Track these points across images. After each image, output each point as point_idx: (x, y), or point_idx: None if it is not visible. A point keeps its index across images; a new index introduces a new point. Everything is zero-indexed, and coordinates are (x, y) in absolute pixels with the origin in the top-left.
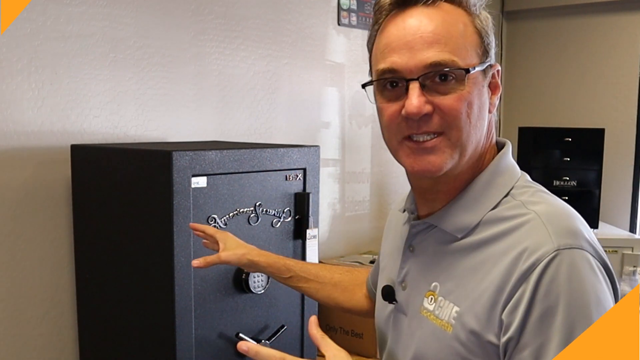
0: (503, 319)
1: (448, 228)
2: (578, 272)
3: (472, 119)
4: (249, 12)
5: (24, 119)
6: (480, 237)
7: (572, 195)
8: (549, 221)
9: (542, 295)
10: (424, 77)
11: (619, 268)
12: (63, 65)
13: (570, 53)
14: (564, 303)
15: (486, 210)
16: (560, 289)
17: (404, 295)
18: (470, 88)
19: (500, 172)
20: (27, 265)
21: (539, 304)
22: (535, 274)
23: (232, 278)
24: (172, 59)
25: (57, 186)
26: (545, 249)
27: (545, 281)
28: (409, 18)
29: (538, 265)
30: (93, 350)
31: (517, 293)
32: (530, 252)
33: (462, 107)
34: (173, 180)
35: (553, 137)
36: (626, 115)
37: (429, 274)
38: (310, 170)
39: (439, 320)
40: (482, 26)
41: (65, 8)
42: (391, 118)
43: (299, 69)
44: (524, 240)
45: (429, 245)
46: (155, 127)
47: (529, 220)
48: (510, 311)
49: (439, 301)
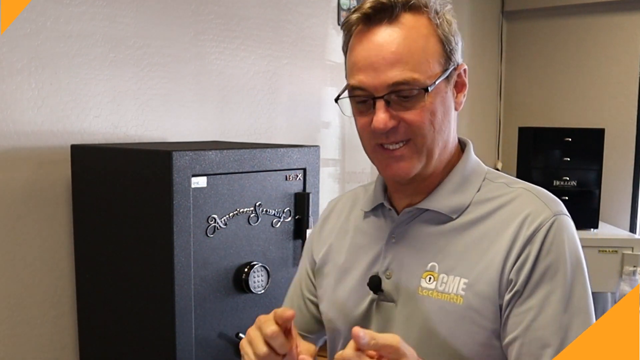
0: (511, 278)
1: (443, 210)
2: (570, 234)
3: (436, 126)
4: (249, 12)
5: (24, 119)
6: (475, 215)
7: (572, 195)
8: (539, 194)
9: (545, 253)
10: (387, 95)
11: (619, 268)
12: (63, 65)
13: (570, 53)
14: (563, 260)
15: (474, 192)
16: (560, 248)
17: (389, 283)
18: (433, 99)
19: (473, 163)
20: (27, 265)
21: (543, 261)
22: (539, 236)
23: (232, 278)
24: (172, 59)
25: (57, 186)
26: (545, 215)
27: (548, 242)
28: (373, 36)
29: (541, 229)
30: (93, 350)
31: (523, 254)
32: (532, 218)
33: (425, 119)
34: (173, 180)
35: (553, 137)
36: (626, 115)
37: (423, 257)
38: (310, 170)
39: (445, 294)
40: (445, 33)
41: (65, 8)
42: (363, 128)
43: (299, 69)
44: (523, 209)
45: (419, 230)
46: (155, 127)
47: (520, 194)
48: (517, 270)
49: (441, 278)
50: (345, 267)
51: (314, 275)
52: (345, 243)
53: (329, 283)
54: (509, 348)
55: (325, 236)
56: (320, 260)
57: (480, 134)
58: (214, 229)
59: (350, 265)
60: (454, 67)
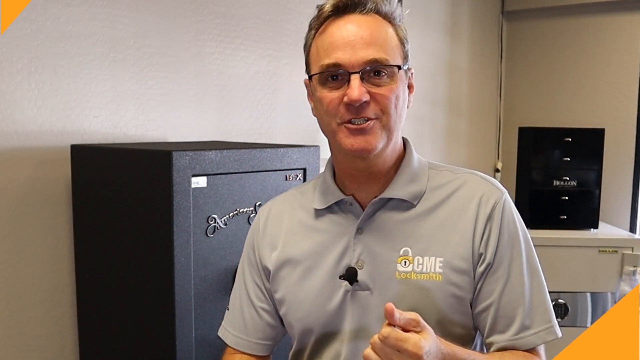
0: (481, 251)
1: (405, 196)
2: (514, 208)
3: (398, 109)
4: (249, 12)
5: (24, 119)
6: (434, 202)
7: (572, 195)
8: (484, 177)
9: (506, 226)
10: (362, 71)
11: (619, 268)
12: (63, 65)
13: (570, 53)
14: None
15: (425, 181)
16: (514, 220)
17: (362, 273)
18: (398, 83)
19: (416, 157)
20: (27, 265)
21: (505, 233)
22: (497, 212)
23: (232, 278)
24: (172, 59)
25: (57, 186)
26: (497, 195)
27: (505, 216)
28: (348, 23)
29: (497, 206)
30: (93, 350)
31: (486, 229)
32: (487, 197)
33: (392, 97)
34: (173, 180)
35: (553, 137)
36: (626, 115)
37: (394, 243)
38: (310, 170)
39: (424, 274)
40: (403, 35)
41: (65, 8)
42: (332, 104)
43: (299, 69)
44: (476, 191)
45: (386, 219)
46: (155, 127)
47: (468, 179)
48: (485, 244)
49: (417, 260)
50: (308, 267)
51: (267, 281)
52: (300, 244)
53: (290, 285)
54: (484, 314)
55: (270, 242)
56: (275, 266)
57: (480, 134)
58: (214, 229)
59: (314, 264)
60: (408, 67)
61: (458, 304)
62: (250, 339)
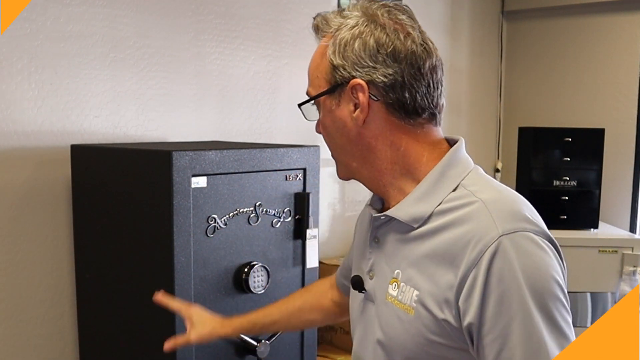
0: (460, 305)
1: (404, 219)
2: (525, 252)
3: (336, 139)
4: (249, 12)
5: (24, 119)
6: (433, 226)
7: (572, 195)
8: (494, 208)
9: (496, 280)
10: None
11: (619, 268)
12: (63, 65)
13: (570, 53)
14: (518, 284)
15: (438, 201)
16: (513, 272)
17: (371, 284)
18: (323, 113)
19: (452, 165)
20: (27, 265)
21: (495, 290)
22: (485, 260)
23: (232, 278)
24: (172, 59)
25: (57, 186)
26: (491, 236)
27: (496, 267)
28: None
29: (485, 252)
30: (93, 350)
31: (468, 279)
32: (477, 239)
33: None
34: (173, 180)
35: (553, 137)
36: (626, 115)
37: (392, 263)
38: (310, 170)
39: (402, 304)
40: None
41: (65, 8)
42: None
43: (299, 69)
44: (471, 229)
45: (390, 235)
46: (155, 127)
47: (475, 209)
48: (465, 297)
49: (402, 287)
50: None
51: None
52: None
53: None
54: None
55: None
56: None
57: (480, 134)
58: (214, 229)
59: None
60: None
61: (428, 345)
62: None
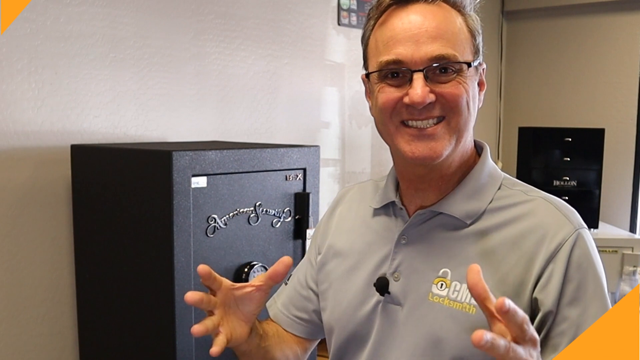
0: (536, 296)
1: (457, 214)
2: (594, 248)
3: (470, 108)
4: (249, 12)
5: (24, 119)
6: (490, 224)
7: (572, 195)
8: (558, 205)
9: (575, 269)
10: (427, 68)
11: (619, 268)
12: (63, 65)
13: (570, 53)
14: (592, 276)
15: (489, 199)
16: (588, 263)
17: (397, 286)
18: (469, 80)
19: (490, 167)
20: (27, 265)
21: (572, 281)
22: (564, 252)
23: (232, 278)
24: (172, 59)
25: (57, 186)
26: (567, 230)
27: (575, 257)
28: (412, 14)
29: (564, 244)
30: (93, 350)
31: (546, 271)
32: (553, 232)
33: (462, 94)
34: (173, 180)
35: (553, 137)
36: (626, 115)
37: (435, 261)
38: (310, 170)
39: (457, 303)
40: (474, 26)
41: (65, 8)
42: (390, 103)
43: (299, 69)
44: (542, 223)
45: (431, 233)
46: (155, 127)
47: (538, 205)
48: (542, 288)
49: (454, 286)
50: (352, 265)
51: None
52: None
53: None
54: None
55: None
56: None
57: (480, 134)
58: (214, 229)
59: (358, 264)
60: (480, 61)
61: None
62: (289, 314)
